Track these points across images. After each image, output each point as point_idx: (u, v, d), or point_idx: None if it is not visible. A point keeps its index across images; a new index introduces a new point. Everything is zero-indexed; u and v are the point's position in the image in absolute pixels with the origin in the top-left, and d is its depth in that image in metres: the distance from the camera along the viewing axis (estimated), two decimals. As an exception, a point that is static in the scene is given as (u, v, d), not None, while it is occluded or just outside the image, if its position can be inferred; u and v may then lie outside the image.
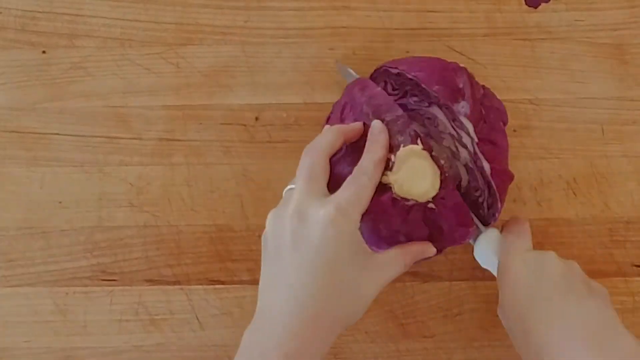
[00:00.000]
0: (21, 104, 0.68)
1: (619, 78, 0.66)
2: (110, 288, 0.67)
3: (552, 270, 0.56)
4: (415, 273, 0.67)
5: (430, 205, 0.55)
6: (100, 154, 0.68)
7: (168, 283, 0.67)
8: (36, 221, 0.68)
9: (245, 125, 0.68)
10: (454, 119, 0.58)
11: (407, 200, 0.55)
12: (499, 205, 0.60)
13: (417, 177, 0.54)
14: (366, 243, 0.53)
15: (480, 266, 0.66)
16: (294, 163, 0.65)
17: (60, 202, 0.68)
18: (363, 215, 0.52)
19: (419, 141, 0.54)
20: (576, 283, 0.56)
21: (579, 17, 0.67)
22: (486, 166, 0.59)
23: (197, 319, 0.67)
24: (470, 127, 0.58)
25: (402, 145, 0.54)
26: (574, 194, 0.66)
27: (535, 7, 0.67)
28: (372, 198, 0.53)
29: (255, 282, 0.57)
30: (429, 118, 0.58)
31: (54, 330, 0.67)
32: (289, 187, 0.55)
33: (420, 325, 0.67)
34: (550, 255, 0.57)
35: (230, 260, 0.67)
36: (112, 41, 0.68)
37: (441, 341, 0.67)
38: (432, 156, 0.55)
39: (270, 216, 0.53)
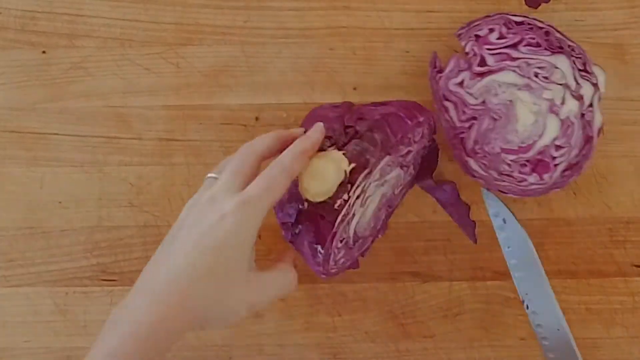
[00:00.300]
0: (21, 104, 0.68)
1: (619, 78, 0.66)
2: (110, 288, 0.67)
3: None
4: (415, 273, 0.67)
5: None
6: (100, 154, 0.68)
7: (168, 283, 0.67)
8: (36, 221, 0.68)
9: (245, 125, 0.67)
10: (583, 69, 0.61)
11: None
12: (584, 165, 0.61)
13: (318, 177, 0.55)
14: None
15: (480, 266, 0.66)
16: (294, 163, 0.65)
17: (60, 202, 0.68)
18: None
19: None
20: None
21: (579, 17, 0.67)
22: (597, 120, 0.61)
23: (197, 319, 0.67)
24: (602, 76, 0.61)
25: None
26: (574, 194, 0.66)
27: (536, 7, 0.67)
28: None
29: (255, 282, 0.57)
30: (540, 67, 0.60)
31: (54, 330, 0.67)
32: (210, 175, 0.55)
33: (420, 325, 0.67)
34: None
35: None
36: (112, 41, 0.68)
37: (441, 341, 0.67)
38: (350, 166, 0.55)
39: (187, 204, 0.53)
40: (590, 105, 0.62)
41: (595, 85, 0.62)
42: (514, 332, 0.66)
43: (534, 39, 0.62)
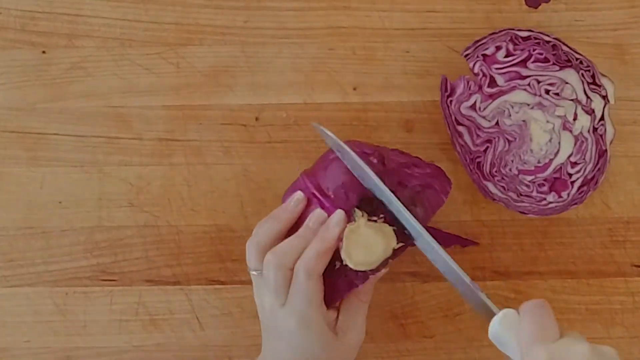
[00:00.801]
0: (21, 104, 0.68)
1: (619, 78, 0.66)
2: (110, 288, 0.67)
3: None
4: (415, 273, 0.67)
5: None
6: (100, 154, 0.68)
7: (168, 283, 0.67)
8: (36, 221, 0.67)
9: (245, 125, 0.67)
10: (592, 82, 0.60)
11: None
12: (599, 180, 0.61)
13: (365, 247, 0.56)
14: None
15: (480, 266, 0.66)
16: (294, 163, 0.65)
17: (60, 202, 0.68)
18: None
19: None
20: None
21: (579, 17, 0.67)
22: (609, 133, 0.61)
23: (197, 319, 0.67)
24: (611, 88, 0.61)
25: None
26: (574, 194, 0.66)
27: (535, 7, 0.67)
28: None
29: (255, 282, 0.57)
30: (550, 84, 0.60)
31: (54, 330, 0.67)
32: (252, 272, 0.58)
33: (420, 325, 0.66)
34: (581, 348, 0.47)
35: (230, 260, 0.67)
36: (112, 41, 0.68)
37: (441, 341, 0.67)
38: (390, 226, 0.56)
39: (255, 294, 0.59)
40: (602, 118, 0.62)
41: (604, 97, 0.62)
42: (514, 332, 0.66)
43: (541, 54, 0.62)
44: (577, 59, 0.61)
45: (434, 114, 0.66)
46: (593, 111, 0.62)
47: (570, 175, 0.62)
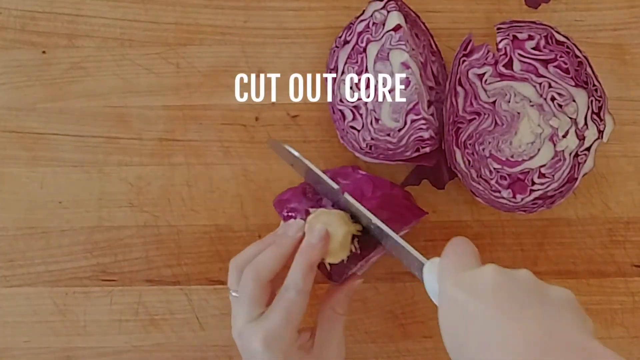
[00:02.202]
0: (21, 104, 0.68)
1: (619, 78, 0.66)
2: (110, 288, 0.67)
3: (485, 285, 0.47)
4: (415, 273, 0.67)
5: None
6: (100, 154, 0.68)
7: (168, 283, 0.67)
8: (36, 221, 0.68)
9: (245, 125, 0.68)
10: (597, 112, 0.61)
11: None
12: (556, 202, 0.62)
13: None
14: None
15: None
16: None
17: (60, 202, 0.68)
18: None
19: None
20: (516, 292, 0.47)
21: (579, 17, 0.67)
22: (587, 166, 0.62)
23: (197, 319, 0.67)
24: (610, 128, 0.62)
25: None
26: (574, 194, 0.66)
27: (535, 8, 0.67)
28: None
29: (255, 282, 0.57)
30: (559, 94, 0.61)
31: (54, 330, 0.67)
32: (233, 294, 0.57)
33: (420, 325, 0.66)
34: (486, 270, 0.48)
35: (230, 260, 0.67)
36: (112, 41, 0.68)
37: (441, 341, 0.66)
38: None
39: (232, 322, 0.57)
40: (588, 149, 0.62)
41: (600, 132, 0.62)
42: (514, 332, 0.66)
43: (565, 63, 0.62)
44: (594, 85, 0.62)
45: (434, 114, 0.66)
46: (584, 138, 0.62)
47: (533, 183, 0.62)
